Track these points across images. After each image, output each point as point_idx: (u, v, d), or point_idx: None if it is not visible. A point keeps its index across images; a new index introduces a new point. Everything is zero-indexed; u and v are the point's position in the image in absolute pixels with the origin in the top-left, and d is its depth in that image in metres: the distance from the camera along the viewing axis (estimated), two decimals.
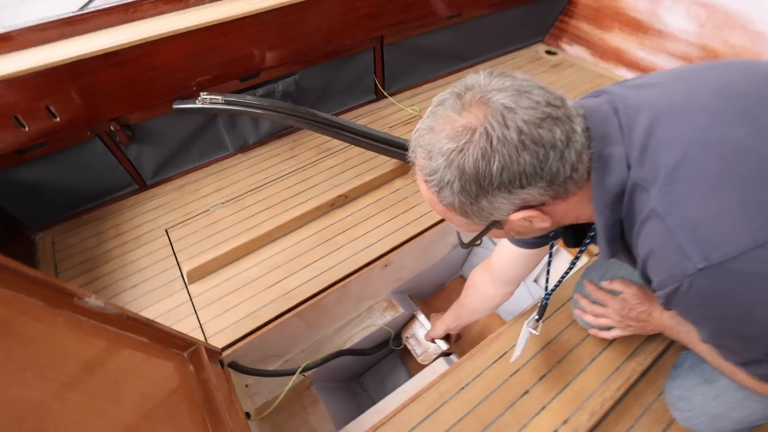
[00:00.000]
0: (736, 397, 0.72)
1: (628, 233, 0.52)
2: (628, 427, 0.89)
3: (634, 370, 0.93)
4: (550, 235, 0.72)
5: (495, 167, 0.45)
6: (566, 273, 0.77)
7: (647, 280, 0.53)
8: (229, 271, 1.19)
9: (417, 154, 0.50)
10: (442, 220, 1.30)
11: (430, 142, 0.48)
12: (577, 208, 0.53)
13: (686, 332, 0.72)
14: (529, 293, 1.43)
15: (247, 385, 1.18)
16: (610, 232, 0.53)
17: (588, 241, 0.62)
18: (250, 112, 1.23)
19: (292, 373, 1.09)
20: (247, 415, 0.98)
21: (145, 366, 0.70)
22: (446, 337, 1.26)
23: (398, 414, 0.91)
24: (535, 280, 1.41)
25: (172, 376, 0.76)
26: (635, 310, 0.81)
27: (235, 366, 1.05)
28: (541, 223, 0.52)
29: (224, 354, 1.03)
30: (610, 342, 1.01)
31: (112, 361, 0.63)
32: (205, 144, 1.51)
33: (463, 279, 1.71)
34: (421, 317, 1.35)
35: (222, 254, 1.18)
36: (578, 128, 0.47)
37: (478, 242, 0.61)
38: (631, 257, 0.56)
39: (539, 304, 0.84)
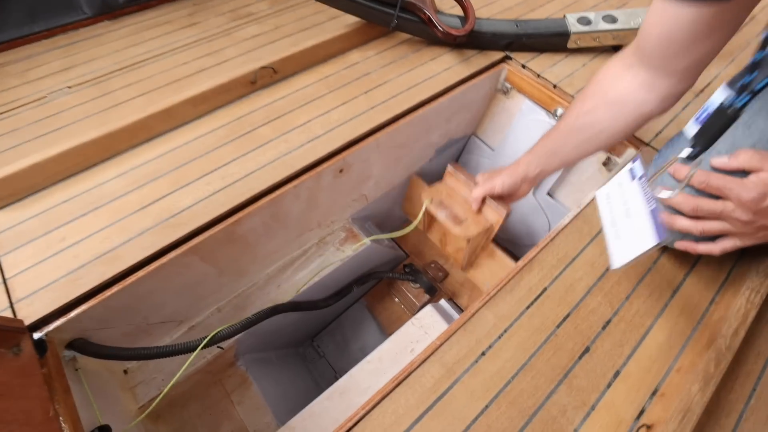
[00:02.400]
0: None
1: None
2: (747, 396, 0.55)
3: (752, 303, 0.58)
4: None
5: None
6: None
7: None
8: (71, 188, 0.69)
9: None
10: (424, 103, 0.85)
11: None
12: None
13: None
14: (542, 212, 1.05)
15: (126, 371, 0.73)
16: None
17: None
18: None
19: (192, 348, 0.65)
20: (104, 430, 0.55)
21: None
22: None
23: (377, 407, 0.51)
24: (550, 193, 1.01)
25: None
26: None
27: (81, 347, 0.59)
28: None
29: (51, 327, 0.56)
30: (696, 261, 0.66)
31: None
32: None
33: None
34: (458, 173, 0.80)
35: (52, 158, 0.67)
36: None
37: None
38: None
39: (697, 120, 0.48)
